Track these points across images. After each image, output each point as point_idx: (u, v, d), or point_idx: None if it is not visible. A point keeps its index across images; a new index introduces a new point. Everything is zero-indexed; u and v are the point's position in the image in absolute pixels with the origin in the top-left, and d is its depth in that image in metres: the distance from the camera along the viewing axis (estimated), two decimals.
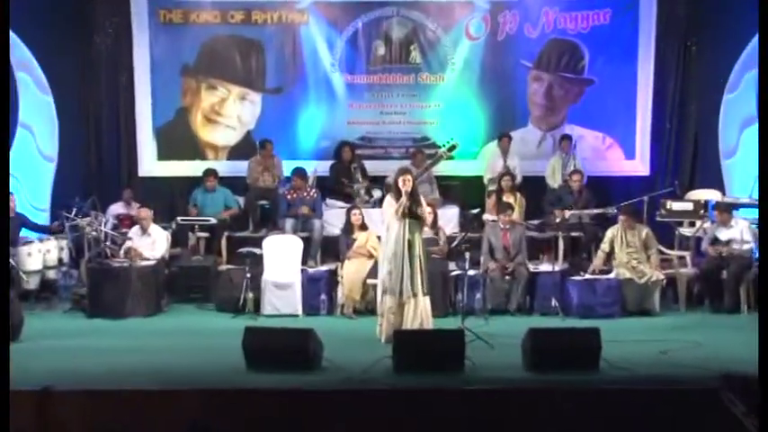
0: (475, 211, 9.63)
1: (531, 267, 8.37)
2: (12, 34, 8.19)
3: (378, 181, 9.82)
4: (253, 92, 10.43)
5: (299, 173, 9.35)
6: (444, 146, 9.27)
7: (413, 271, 6.68)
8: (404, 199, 6.70)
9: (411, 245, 6.73)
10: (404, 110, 10.41)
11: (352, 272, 8.12)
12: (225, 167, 10.26)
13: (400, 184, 6.78)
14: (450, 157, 9.62)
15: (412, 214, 6.78)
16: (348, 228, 8.45)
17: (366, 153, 10.32)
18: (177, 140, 10.40)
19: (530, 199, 9.62)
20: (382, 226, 6.99)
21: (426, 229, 7.74)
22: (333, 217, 9.39)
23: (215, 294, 8.45)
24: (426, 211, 7.01)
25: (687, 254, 8.51)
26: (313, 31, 10.21)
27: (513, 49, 10.26)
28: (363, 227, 8.48)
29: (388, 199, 6.90)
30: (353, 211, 8.50)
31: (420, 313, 6.72)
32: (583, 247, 9.12)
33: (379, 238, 7.60)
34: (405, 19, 10.21)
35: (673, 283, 8.18)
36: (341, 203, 9.57)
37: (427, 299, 6.80)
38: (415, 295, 6.70)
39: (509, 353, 6.24)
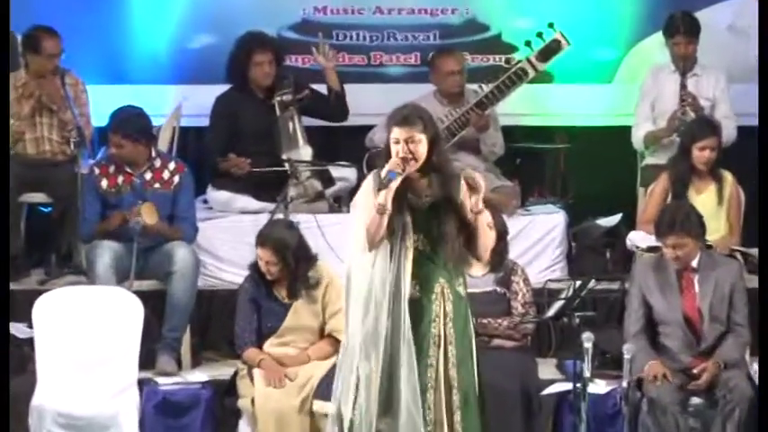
0: (610, 220, 9.78)
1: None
2: None
3: (346, 141, 10.12)
4: None
5: (132, 120, 9.34)
6: (530, 46, 9.52)
7: (424, 385, 6.72)
8: (388, 191, 6.62)
9: (421, 313, 6.67)
10: None
11: (276, 392, 8.17)
12: None
13: (398, 147, 6.69)
14: (545, 77, 9.89)
15: (421, 226, 6.73)
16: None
17: (314, 67, 10.41)
18: None
19: (753, 189, 9.62)
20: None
21: (477, 269, 8.09)
22: (225, 238, 9.78)
23: None
24: (482, 221, 6.75)
25: None
26: None
27: None
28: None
29: (368, 186, 6.87)
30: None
31: None
32: None
33: None
34: None
35: None
36: (247, 200, 9.79)
37: None
38: None
39: None
